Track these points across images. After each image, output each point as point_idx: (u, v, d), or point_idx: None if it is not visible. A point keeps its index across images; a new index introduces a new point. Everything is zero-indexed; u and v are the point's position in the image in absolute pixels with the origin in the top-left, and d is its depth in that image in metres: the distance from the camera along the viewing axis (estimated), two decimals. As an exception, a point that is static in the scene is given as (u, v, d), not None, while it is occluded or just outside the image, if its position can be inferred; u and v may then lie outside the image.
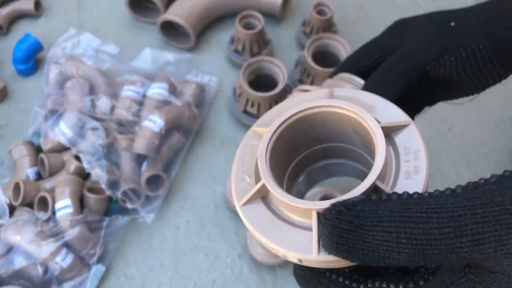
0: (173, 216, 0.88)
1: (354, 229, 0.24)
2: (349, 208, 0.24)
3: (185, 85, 0.95)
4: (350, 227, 0.24)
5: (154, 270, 0.83)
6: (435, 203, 0.23)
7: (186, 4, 1.01)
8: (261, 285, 0.82)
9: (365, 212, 0.24)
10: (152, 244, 0.85)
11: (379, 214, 0.23)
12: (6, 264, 0.77)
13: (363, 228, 0.24)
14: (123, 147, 0.86)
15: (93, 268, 0.80)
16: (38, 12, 1.09)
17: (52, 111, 0.90)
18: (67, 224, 0.78)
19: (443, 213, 0.23)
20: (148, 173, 0.85)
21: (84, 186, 0.83)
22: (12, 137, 0.94)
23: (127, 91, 0.91)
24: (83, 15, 1.11)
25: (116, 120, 0.88)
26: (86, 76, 0.93)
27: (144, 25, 1.09)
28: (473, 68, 0.44)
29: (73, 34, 1.03)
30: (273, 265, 0.81)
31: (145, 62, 1.00)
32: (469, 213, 0.22)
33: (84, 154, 0.84)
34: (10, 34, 1.07)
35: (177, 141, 0.90)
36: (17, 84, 1.01)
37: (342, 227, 0.24)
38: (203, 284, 0.82)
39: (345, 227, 0.24)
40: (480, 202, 0.22)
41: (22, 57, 0.99)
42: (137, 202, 0.84)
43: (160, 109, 0.89)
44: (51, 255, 0.76)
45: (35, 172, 0.88)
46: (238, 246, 0.85)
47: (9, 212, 0.82)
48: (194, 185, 0.91)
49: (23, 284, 0.77)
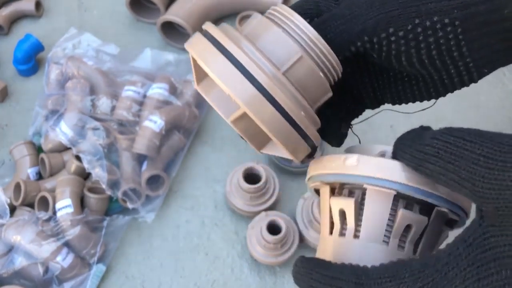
0: (173, 216, 0.88)
1: (416, 138, 0.29)
2: (419, 130, 0.30)
3: (186, 85, 0.95)
4: (415, 137, 0.30)
5: (154, 269, 0.83)
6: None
7: (187, 4, 1.01)
8: (261, 285, 0.82)
9: (427, 131, 0.30)
10: (153, 244, 0.85)
11: (432, 132, 0.28)
12: (6, 263, 0.77)
13: (422, 137, 0.28)
14: (124, 147, 0.86)
15: (93, 267, 0.80)
16: (38, 13, 1.09)
17: (53, 111, 0.90)
18: (68, 224, 0.78)
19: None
20: (149, 173, 0.85)
21: (85, 186, 0.84)
22: (13, 137, 0.94)
23: (128, 91, 0.91)
24: (83, 15, 1.11)
25: (117, 120, 0.88)
26: (86, 76, 0.93)
27: (145, 25, 1.09)
28: (432, 52, 0.32)
29: (73, 34, 1.03)
30: (273, 265, 0.82)
31: (145, 62, 1.01)
32: None
33: (84, 154, 0.84)
34: (11, 34, 1.08)
35: (178, 141, 0.90)
36: (18, 84, 1.01)
37: (410, 136, 0.30)
38: (203, 284, 0.82)
39: (412, 136, 0.30)
40: None
41: (23, 58, 0.99)
42: (137, 202, 0.84)
43: (160, 109, 0.89)
44: (51, 255, 0.76)
45: (36, 172, 0.88)
46: (238, 246, 0.85)
47: (10, 212, 0.82)
48: (195, 185, 0.91)
49: (24, 284, 0.78)
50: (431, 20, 0.31)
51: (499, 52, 0.32)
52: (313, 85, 0.29)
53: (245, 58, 0.26)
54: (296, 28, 0.29)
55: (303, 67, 0.29)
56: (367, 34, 0.32)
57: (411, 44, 0.31)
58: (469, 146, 0.25)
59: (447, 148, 0.26)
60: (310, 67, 0.29)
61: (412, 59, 0.32)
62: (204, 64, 0.26)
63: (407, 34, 0.31)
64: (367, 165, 0.29)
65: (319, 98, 0.30)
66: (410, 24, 0.31)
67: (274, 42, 0.28)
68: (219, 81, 0.26)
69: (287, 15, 0.29)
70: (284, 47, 0.28)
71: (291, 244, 0.81)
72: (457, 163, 0.25)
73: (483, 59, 0.32)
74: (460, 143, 0.26)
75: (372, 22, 0.32)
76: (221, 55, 0.26)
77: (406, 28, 0.31)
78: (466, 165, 0.25)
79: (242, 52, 0.26)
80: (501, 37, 0.31)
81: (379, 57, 0.33)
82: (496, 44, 0.32)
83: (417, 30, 0.31)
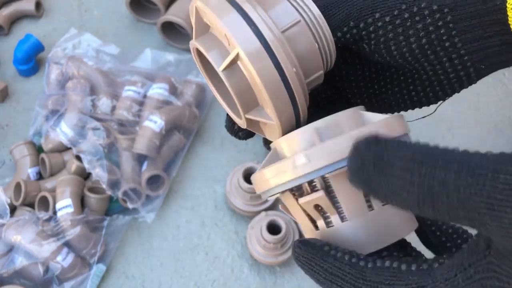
0: (173, 216, 0.88)
1: (377, 161, 0.24)
2: (379, 143, 0.24)
3: (186, 85, 0.95)
4: (375, 158, 0.24)
5: (154, 269, 0.83)
6: (459, 157, 0.22)
7: (186, 4, 1.01)
8: (261, 285, 0.82)
9: (392, 148, 0.24)
10: (153, 244, 0.85)
11: (402, 152, 0.23)
12: (7, 263, 0.77)
13: (385, 162, 0.23)
14: (124, 147, 0.86)
15: (93, 267, 0.80)
16: (39, 13, 1.09)
17: (53, 111, 0.90)
18: (68, 224, 0.78)
19: (463, 165, 0.21)
20: (149, 173, 0.85)
21: (85, 186, 0.84)
22: (13, 137, 0.94)
23: (128, 91, 0.91)
24: (84, 15, 1.11)
25: (117, 120, 0.88)
26: (87, 77, 0.93)
27: (145, 26, 1.10)
28: (422, 40, 0.30)
29: (74, 34, 1.03)
30: (273, 265, 0.82)
31: (145, 62, 1.01)
32: (490, 175, 0.21)
33: (85, 154, 0.84)
34: (11, 34, 1.08)
35: (178, 141, 0.90)
36: (18, 85, 1.01)
37: (367, 157, 0.24)
38: (203, 284, 0.82)
39: (370, 157, 0.24)
40: (504, 167, 0.21)
41: (23, 58, 0.99)
42: (137, 201, 0.84)
43: (160, 109, 0.89)
44: (52, 255, 0.77)
45: (36, 172, 0.88)
46: (238, 246, 0.85)
47: (10, 212, 0.82)
48: (195, 185, 0.91)
49: (24, 284, 0.78)
50: (419, 6, 0.30)
51: (495, 48, 0.31)
52: (308, 55, 0.30)
53: (255, 15, 0.28)
54: (301, 3, 0.31)
55: (302, 33, 0.30)
56: (352, 19, 0.31)
57: (399, 31, 0.30)
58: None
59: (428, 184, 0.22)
60: (307, 34, 0.30)
61: (402, 49, 0.31)
62: (216, 15, 0.28)
63: (393, 19, 0.30)
64: (318, 157, 0.28)
65: (312, 73, 0.31)
66: (397, 10, 0.30)
67: (281, 10, 0.30)
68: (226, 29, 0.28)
69: None
70: (288, 15, 0.30)
71: (291, 244, 0.81)
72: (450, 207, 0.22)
73: (478, 53, 0.31)
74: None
75: (357, 7, 0.31)
76: (234, 10, 0.28)
77: (392, 13, 0.30)
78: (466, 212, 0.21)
79: (252, 9, 0.28)
80: (495, 29, 0.30)
81: (368, 46, 0.32)
82: (491, 37, 0.30)
83: (404, 16, 0.30)
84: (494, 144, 0.97)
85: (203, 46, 0.31)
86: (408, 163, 0.23)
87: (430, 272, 0.25)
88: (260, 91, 0.29)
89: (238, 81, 0.30)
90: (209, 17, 0.30)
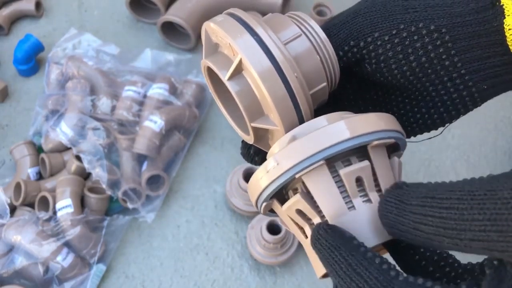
0: (173, 216, 0.88)
1: (398, 203, 0.26)
2: (400, 186, 0.26)
3: (186, 85, 0.95)
4: (397, 203, 0.26)
5: (154, 269, 0.83)
6: (460, 185, 0.24)
7: (187, 4, 1.02)
8: (261, 285, 0.82)
9: (408, 191, 0.26)
10: (153, 244, 0.85)
11: (418, 191, 0.25)
12: (7, 263, 0.77)
13: (404, 202, 0.25)
14: (124, 147, 0.86)
15: (93, 267, 0.80)
16: (39, 13, 1.09)
17: (53, 111, 0.90)
18: (68, 224, 0.78)
19: (464, 191, 0.23)
20: (149, 173, 0.85)
21: (85, 186, 0.84)
22: (13, 137, 0.94)
23: (128, 91, 0.91)
24: (84, 15, 1.11)
25: (117, 120, 0.88)
26: (87, 77, 0.93)
27: (145, 26, 1.10)
28: (421, 58, 0.31)
29: (74, 34, 1.04)
30: (273, 265, 0.82)
31: (145, 62, 1.01)
32: (489, 194, 0.22)
33: (85, 154, 0.84)
34: (11, 34, 1.08)
35: (178, 141, 0.90)
36: (18, 85, 1.01)
37: (391, 204, 0.26)
38: (203, 284, 0.82)
39: (393, 205, 0.26)
40: (501, 185, 0.22)
41: (23, 58, 0.99)
42: (137, 201, 0.84)
43: (160, 109, 0.89)
44: (52, 255, 0.77)
45: (36, 172, 0.88)
46: (238, 246, 0.85)
47: (10, 212, 0.82)
48: (195, 185, 0.91)
49: (24, 284, 0.78)
50: (416, 26, 0.31)
51: (496, 68, 0.31)
52: (311, 68, 0.31)
53: (266, 36, 0.30)
54: (308, 26, 0.32)
55: (304, 47, 0.31)
56: (353, 38, 0.32)
57: (398, 49, 0.31)
58: None
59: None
60: (310, 49, 0.31)
61: (402, 67, 0.31)
62: (230, 37, 0.30)
63: (392, 38, 0.31)
64: (285, 158, 0.28)
65: (315, 85, 0.32)
66: (395, 29, 0.31)
67: (288, 32, 0.32)
68: (239, 49, 0.29)
69: (304, 17, 0.33)
70: (290, 30, 0.32)
71: (291, 244, 0.81)
72: (459, 230, 0.23)
73: (479, 73, 0.31)
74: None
75: (357, 27, 0.32)
76: (247, 32, 0.30)
77: (391, 32, 0.31)
78: (473, 234, 0.22)
79: (264, 31, 0.30)
80: (494, 50, 0.30)
81: (370, 65, 0.33)
82: (491, 58, 0.31)
83: (403, 35, 0.31)
84: (494, 144, 0.97)
85: (212, 61, 0.31)
86: (423, 199, 0.25)
87: None
88: (264, 97, 0.30)
89: (244, 90, 0.30)
90: (221, 35, 0.31)
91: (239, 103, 0.30)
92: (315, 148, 0.28)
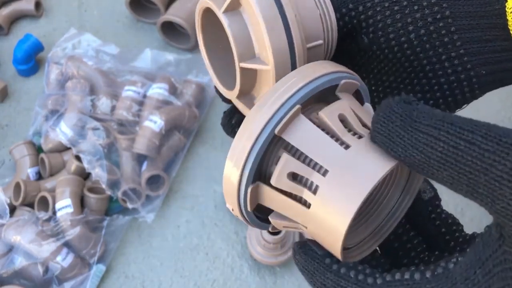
0: (173, 216, 0.88)
1: (405, 116, 0.23)
2: (412, 102, 0.24)
3: (186, 85, 0.95)
4: (403, 113, 0.23)
5: (154, 269, 0.83)
6: (487, 125, 0.22)
7: (187, 4, 1.01)
8: (261, 285, 0.82)
9: (422, 108, 0.23)
10: (153, 244, 0.85)
11: (432, 112, 0.23)
12: (6, 263, 0.77)
13: (414, 117, 0.23)
14: (124, 147, 0.86)
15: (93, 267, 0.80)
16: (38, 13, 1.09)
17: (53, 111, 0.90)
18: (68, 224, 0.78)
19: (491, 132, 0.21)
20: (149, 173, 0.85)
21: (85, 186, 0.84)
22: (13, 137, 0.94)
23: (128, 91, 0.91)
24: (83, 15, 1.11)
25: (117, 120, 0.88)
26: (86, 76, 0.93)
27: (145, 26, 1.09)
28: (420, 30, 0.30)
29: (73, 34, 1.03)
30: (273, 265, 0.82)
31: (145, 62, 1.01)
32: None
33: (84, 154, 0.84)
34: (10, 34, 1.08)
35: (178, 141, 0.90)
36: (18, 84, 1.01)
37: (396, 110, 0.24)
38: (203, 284, 0.82)
39: (399, 112, 0.23)
40: None
41: (22, 58, 0.99)
42: (137, 201, 0.84)
43: (160, 109, 0.89)
44: (51, 255, 0.76)
45: (36, 172, 0.88)
46: (238, 246, 0.85)
47: (10, 212, 0.82)
48: (195, 185, 0.91)
49: (24, 284, 0.78)
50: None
51: (496, 54, 0.30)
52: (310, 19, 0.30)
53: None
54: None
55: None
56: (351, 1, 0.32)
57: (397, 17, 0.30)
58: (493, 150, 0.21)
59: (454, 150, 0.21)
60: (311, 2, 0.30)
61: (400, 38, 0.30)
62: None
63: (392, 5, 0.30)
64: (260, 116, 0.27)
65: (312, 39, 0.31)
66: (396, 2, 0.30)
67: None
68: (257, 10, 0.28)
69: None
70: None
71: (291, 244, 0.81)
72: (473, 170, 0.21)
73: (478, 56, 0.30)
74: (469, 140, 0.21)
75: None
76: None
77: (391, 0, 0.30)
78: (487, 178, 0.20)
79: None
80: (495, 33, 0.30)
81: (367, 35, 0.31)
82: (491, 41, 0.30)
83: (403, 3, 0.30)
84: (494, 144, 0.97)
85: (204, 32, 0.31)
86: (437, 121, 0.22)
87: (447, 275, 0.23)
88: (259, 31, 0.28)
89: (238, 26, 0.29)
90: None
91: (231, 38, 0.29)
92: (285, 96, 0.26)
